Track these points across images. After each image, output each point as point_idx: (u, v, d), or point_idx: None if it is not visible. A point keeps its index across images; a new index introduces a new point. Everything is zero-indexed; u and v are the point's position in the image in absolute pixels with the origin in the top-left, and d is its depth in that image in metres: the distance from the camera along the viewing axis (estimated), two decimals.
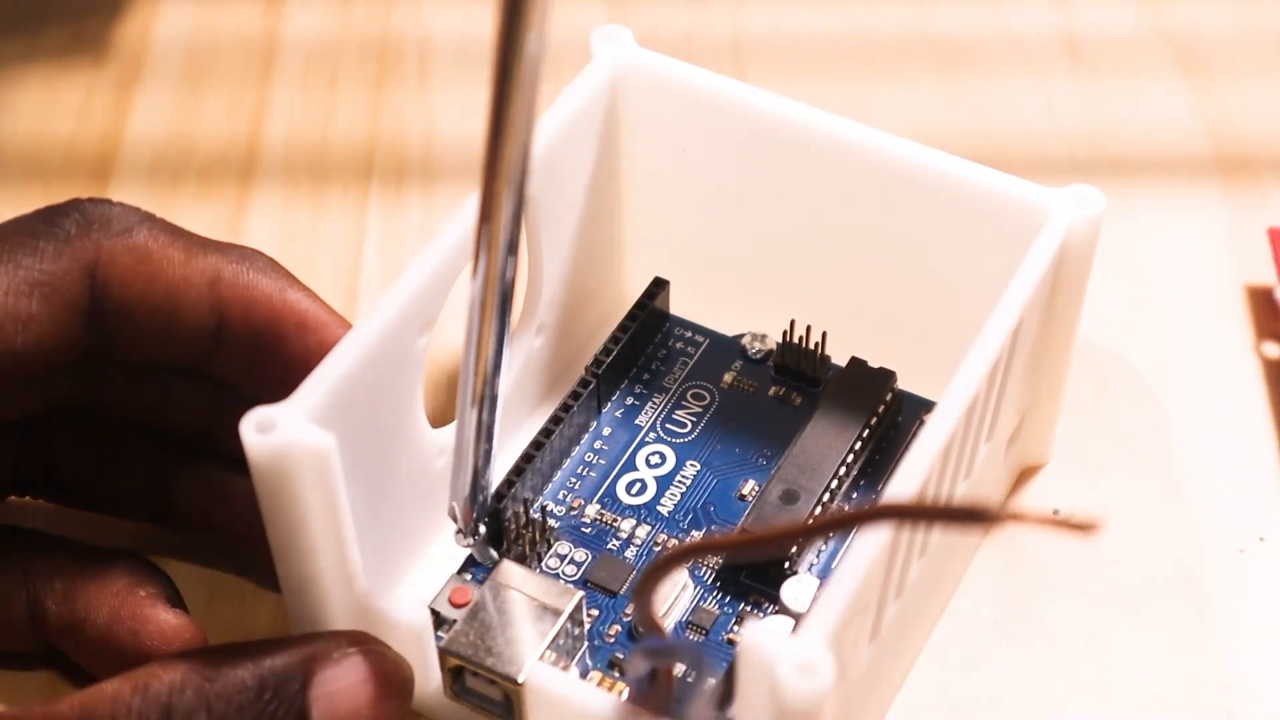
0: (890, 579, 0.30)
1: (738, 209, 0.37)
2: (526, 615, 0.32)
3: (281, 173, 0.45)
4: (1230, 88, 0.46)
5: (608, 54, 0.36)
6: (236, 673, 0.29)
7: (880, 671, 0.33)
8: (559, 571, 0.35)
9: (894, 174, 0.35)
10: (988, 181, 0.34)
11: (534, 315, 0.36)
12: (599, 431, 0.37)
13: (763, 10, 0.49)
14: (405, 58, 0.48)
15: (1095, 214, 0.33)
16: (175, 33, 0.48)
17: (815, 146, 0.35)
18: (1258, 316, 0.41)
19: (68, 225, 0.31)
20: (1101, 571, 0.36)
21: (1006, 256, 0.33)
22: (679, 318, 0.39)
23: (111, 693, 0.29)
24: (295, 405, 0.29)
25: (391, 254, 0.43)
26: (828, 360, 0.38)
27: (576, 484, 0.36)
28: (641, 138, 0.37)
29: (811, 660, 0.26)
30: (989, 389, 0.32)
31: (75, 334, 0.31)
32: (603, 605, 0.34)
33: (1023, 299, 0.32)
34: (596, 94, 0.35)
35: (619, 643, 0.34)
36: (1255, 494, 0.38)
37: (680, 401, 0.38)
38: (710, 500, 0.36)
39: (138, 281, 0.31)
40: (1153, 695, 0.34)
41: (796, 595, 0.33)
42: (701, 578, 0.35)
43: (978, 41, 0.48)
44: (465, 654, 0.31)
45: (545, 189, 0.35)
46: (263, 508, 0.30)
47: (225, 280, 0.32)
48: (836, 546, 0.35)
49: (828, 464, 0.35)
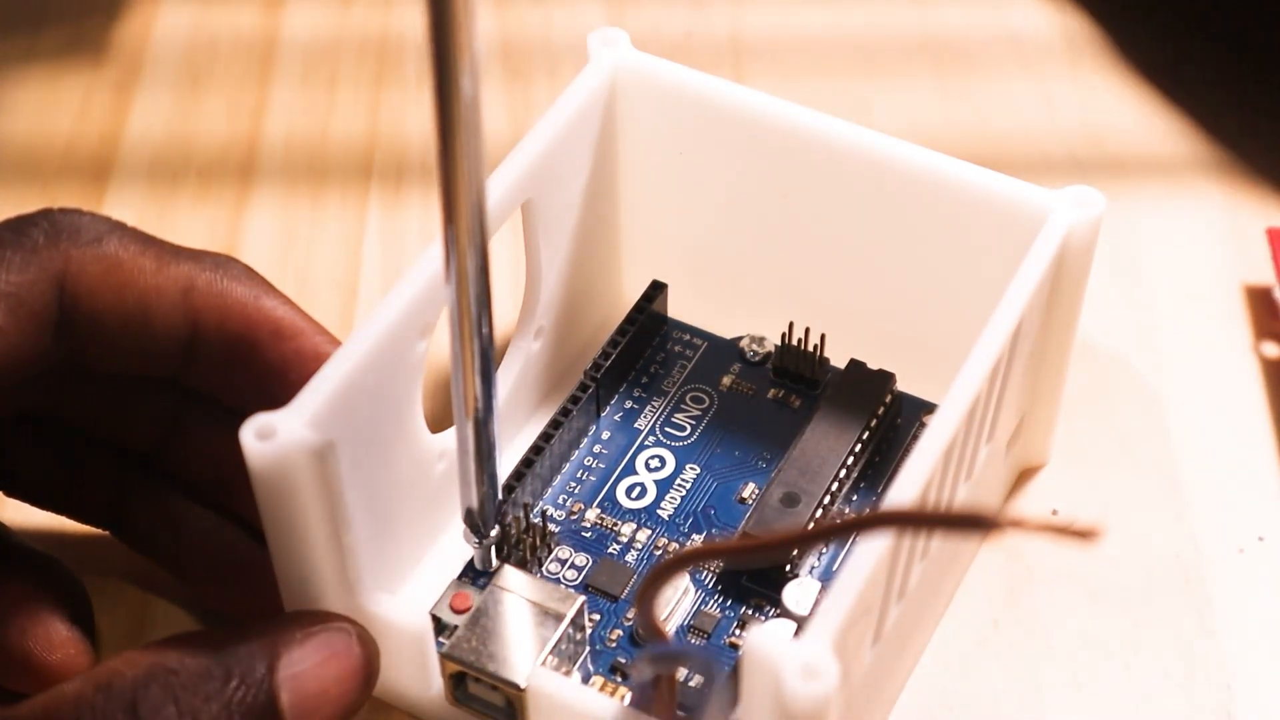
0: (892, 582, 0.30)
1: (736, 211, 0.37)
2: (528, 620, 0.32)
3: (281, 173, 0.45)
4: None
5: (605, 57, 0.36)
6: (201, 661, 0.29)
7: (882, 674, 0.33)
8: (560, 576, 0.35)
9: (892, 176, 0.35)
10: (986, 183, 0.34)
11: (532, 319, 0.36)
12: (598, 435, 0.37)
13: (763, 10, 0.49)
14: (405, 58, 0.48)
15: (1095, 215, 0.33)
16: (175, 33, 0.48)
17: (813, 149, 0.35)
18: (1257, 316, 0.41)
19: (36, 235, 0.31)
20: (1101, 571, 0.36)
21: (1005, 258, 0.33)
22: (677, 321, 0.39)
23: (74, 693, 0.28)
24: (295, 411, 0.29)
25: (391, 254, 0.43)
26: (826, 363, 0.38)
27: (576, 488, 0.36)
28: (639, 140, 0.37)
29: (816, 663, 0.26)
30: (990, 391, 0.32)
31: (44, 345, 0.31)
32: (604, 610, 0.34)
33: (1023, 301, 0.32)
34: (594, 97, 0.35)
35: (621, 647, 0.34)
36: (1255, 494, 0.38)
37: (679, 405, 0.38)
38: (710, 504, 0.36)
39: (108, 291, 0.31)
40: (1152, 696, 0.34)
41: (798, 598, 0.33)
42: (703, 581, 0.35)
43: (978, 41, 0.48)
44: (467, 660, 0.31)
45: (543, 193, 0.35)
46: (263, 514, 0.30)
47: (199, 289, 0.31)
48: (837, 550, 0.35)
49: (828, 466, 0.35)
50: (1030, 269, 0.32)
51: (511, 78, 0.47)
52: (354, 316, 0.41)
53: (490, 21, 0.48)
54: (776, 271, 0.38)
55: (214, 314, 0.31)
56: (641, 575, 0.35)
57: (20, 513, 0.37)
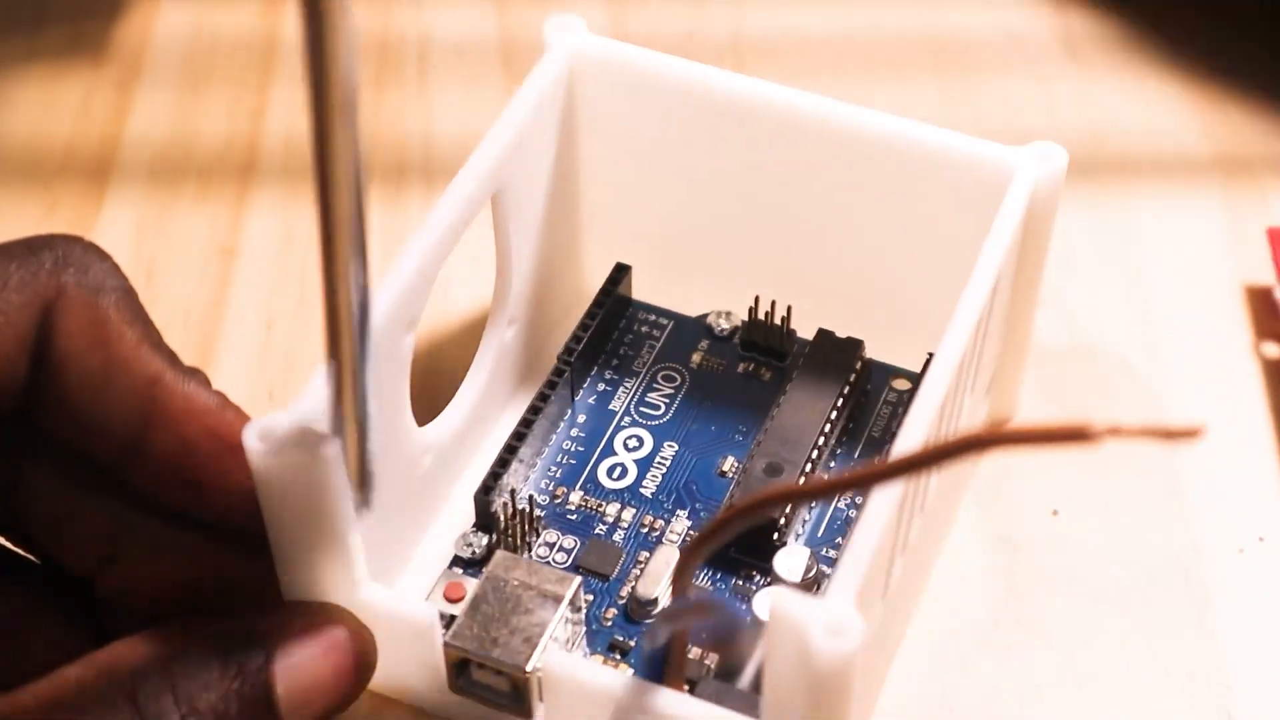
0: (899, 535, 0.31)
1: (697, 188, 0.37)
2: (527, 604, 0.32)
3: (281, 173, 0.45)
4: (1231, 87, 0.46)
5: (562, 43, 0.36)
6: (200, 650, 0.29)
7: (888, 630, 0.33)
8: (549, 560, 0.35)
9: (852, 143, 0.35)
10: (948, 143, 0.34)
11: (504, 308, 0.36)
12: (574, 419, 0.37)
13: (763, 10, 0.49)
14: (405, 58, 0.48)
15: (1059, 169, 0.34)
16: (175, 33, 0.48)
17: (771, 120, 0.35)
18: (1257, 316, 0.41)
19: (45, 259, 0.31)
20: (1101, 571, 0.36)
21: (969, 217, 0.34)
22: (641, 302, 0.39)
23: (75, 678, 0.29)
24: (296, 412, 0.29)
25: (392, 254, 0.42)
26: (793, 334, 0.38)
27: (557, 472, 0.36)
28: (598, 124, 0.37)
29: (841, 620, 0.27)
30: (974, 343, 0.32)
31: (19, 371, 0.30)
32: (596, 590, 0.34)
33: (1001, 253, 0.32)
34: (554, 84, 0.36)
35: (617, 626, 0.34)
36: (1255, 494, 0.38)
37: (651, 384, 0.38)
38: (692, 479, 0.36)
39: (82, 339, 0.30)
40: (1152, 695, 0.34)
41: (790, 566, 0.34)
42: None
43: (978, 41, 0.48)
44: (470, 647, 0.31)
45: (512, 183, 0.35)
46: (266, 517, 0.30)
47: (165, 384, 0.31)
48: (820, 514, 0.36)
49: (807, 435, 0.35)
50: (1004, 223, 0.33)
51: (512, 78, 0.47)
52: None
53: (490, 21, 0.49)
54: (740, 246, 0.38)
55: (175, 414, 0.31)
56: (631, 554, 0.35)
57: None
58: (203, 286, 0.42)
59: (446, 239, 0.33)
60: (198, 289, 0.42)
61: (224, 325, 0.41)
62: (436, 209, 0.33)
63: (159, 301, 0.41)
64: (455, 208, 0.33)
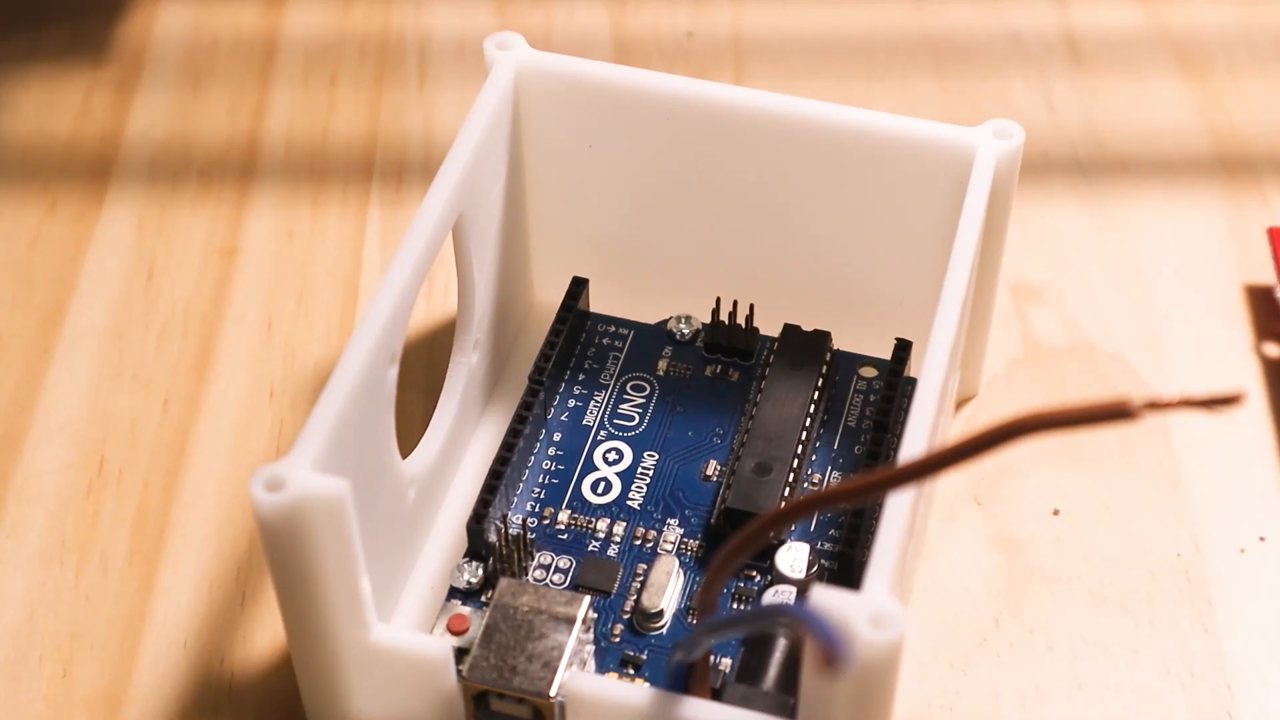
0: (914, 524, 0.31)
1: (649, 196, 0.37)
2: (540, 629, 0.31)
3: (281, 173, 0.45)
4: (1231, 87, 0.46)
5: (504, 61, 0.36)
6: None
7: None
8: (548, 581, 0.35)
9: (804, 137, 0.35)
10: (902, 129, 0.34)
11: (469, 332, 0.36)
12: (550, 438, 0.37)
13: (763, 10, 0.49)
14: (405, 58, 0.48)
15: (1016, 145, 0.34)
16: (175, 33, 0.48)
17: (721, 121, 0.35)
18: (1257, 316, 0.41)
19: None
20: (1101, 571, 0.36)
21: (929, 201, 0.34)
22: (599, 314, 0.39)
23: None
24: (300, 457, 0.29)
25: (391, 254, 0.42)
26: (756, 332, 0.38)
27: (541, 493, 0.36)
28: (545, 138, 0.37)
29: (883, 610, 0.27)
30: (960, 325, 0.33)
31: None
32: (599, 607, 0.34)
33: (975, 234, 0.32)
34: (501, 103, 0.36)
35: (625, 641, 0.34)
36: (1255, 494, 0.38)
37: (622, 396, 0.38)
38: (677, 487, 0.36)
39: None
40: (1152, 695, 0.34)
41: (791, 563, 0.34)
42: (688, 562, 0.35)
43: (978, 41, 0.48)
44: (490, 679, 0.31)
45: (470, 206, 0.35)
46: (273, 567, 0.29)
47: None
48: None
49: (790, 431, 0.35)
50: (974, 202, 0.33)
51: None
52: (354, 316, 0.41)
53: (490, 21, 0.49)
54: (696, 249, 0.38)
55: None
56: (628, 567, 0.35)
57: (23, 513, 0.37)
58: (203, 286, 0.42)
59: (420, 269, 0.32)
60: (198, 289, 0.42)
61: (224, 325, 0.41)
62: (407, 241, 0.32)
63: (159, 301, 0.41)
64: (424, 236, 0.32)
